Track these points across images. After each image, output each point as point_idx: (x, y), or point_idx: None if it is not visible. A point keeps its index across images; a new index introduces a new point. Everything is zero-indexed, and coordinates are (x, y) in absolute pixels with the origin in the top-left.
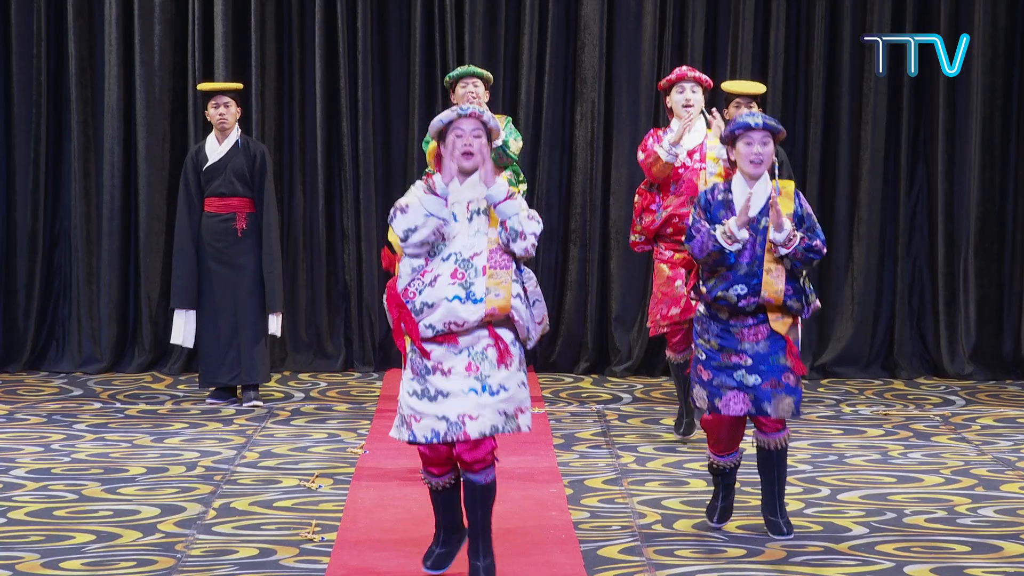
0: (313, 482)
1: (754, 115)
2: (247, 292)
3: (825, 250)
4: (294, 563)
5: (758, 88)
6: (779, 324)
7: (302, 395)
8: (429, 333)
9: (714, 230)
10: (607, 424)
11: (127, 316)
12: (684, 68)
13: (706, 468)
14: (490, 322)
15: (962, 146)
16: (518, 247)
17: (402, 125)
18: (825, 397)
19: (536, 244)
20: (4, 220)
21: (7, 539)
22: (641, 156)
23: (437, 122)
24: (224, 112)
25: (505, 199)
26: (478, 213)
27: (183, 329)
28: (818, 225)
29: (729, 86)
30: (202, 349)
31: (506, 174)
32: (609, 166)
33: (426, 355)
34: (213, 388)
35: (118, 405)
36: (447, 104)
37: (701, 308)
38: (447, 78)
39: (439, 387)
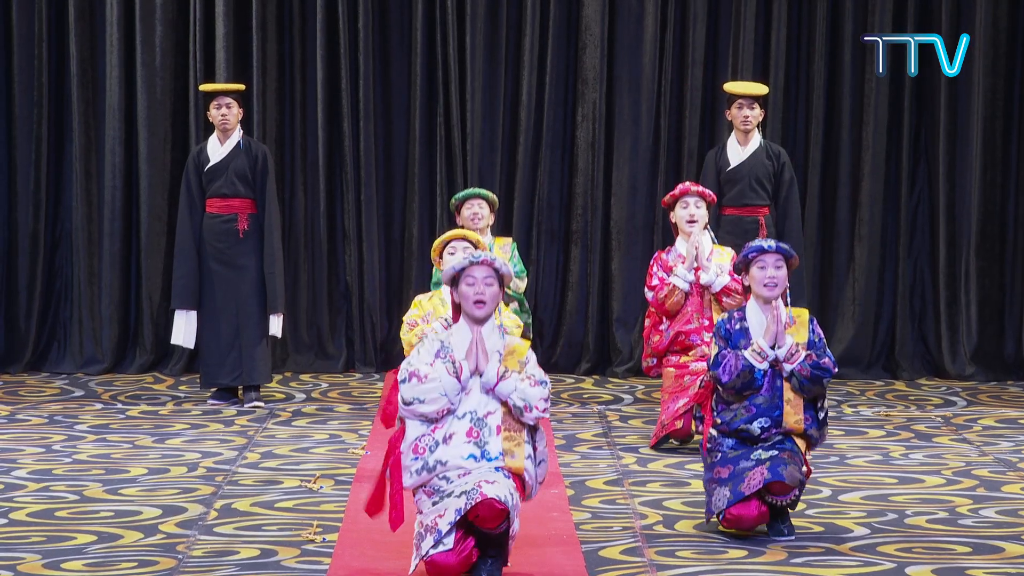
0: (314, 483)
1: (768, 240)
2: (248, 293)
3: (835, 369)
4: (295, 564)
5: (760, 89)
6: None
7: (303, 396)
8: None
9: (742, 351)
10: (608, 425)
11: (128, 317)
12: (687, 183)
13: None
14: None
15: (963, 147)
16: (528, 418)
17: (403, 126)
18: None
19: (547, 406)
20: (5, 221)
21: (8, 540)
22: (650, 294)
23: (450, 269)
24: (226, 113)
25: (498, 381)
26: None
27: (184, 330)
28: (828, 349)
29: (731, 87)
30: (203, 350)
31: (512, 309)
32: (610, 167)
33: (400, 517)
34: (214, 389)
35: (119, 406)
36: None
37: (713, 431)
38: (453, 200)
39: (448, 474)
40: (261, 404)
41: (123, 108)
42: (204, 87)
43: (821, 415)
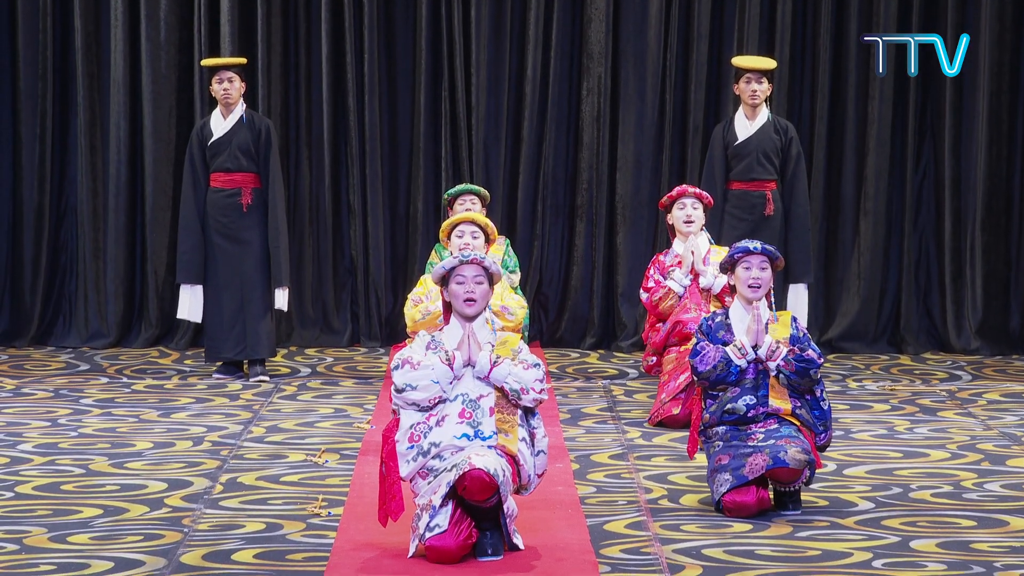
0: (320, 457)
1: (752, 241)
2: (253, 267)
3: (821, 360)
4: (301, 538)
5: (769, 63)
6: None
7: (308, 370)
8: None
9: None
10: (613, 399)
11: (133, 291)
12: (684, 185)
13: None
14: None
15: (969, 121)
16: (527, 400)
17: (408, 101)
18: (831, 372)
19: (544, 387)
20: (11, 195)
21: (15, 513)
22: (645, 296)
23: (440, 268)
24: (228, 87)
25: (492, 368)
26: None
27: (189, 304)
28: (812, 342)
29: (740, 61)
30: (208, 324)
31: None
32: (615, 141)
33: (400, 506)
34: (220, 363)
35: (125, 380)
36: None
37: (703, 427)
38: (446, 195)
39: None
40: (266, 378)
41: (128, 82)
42: (206, 62)
43: (825, 406)
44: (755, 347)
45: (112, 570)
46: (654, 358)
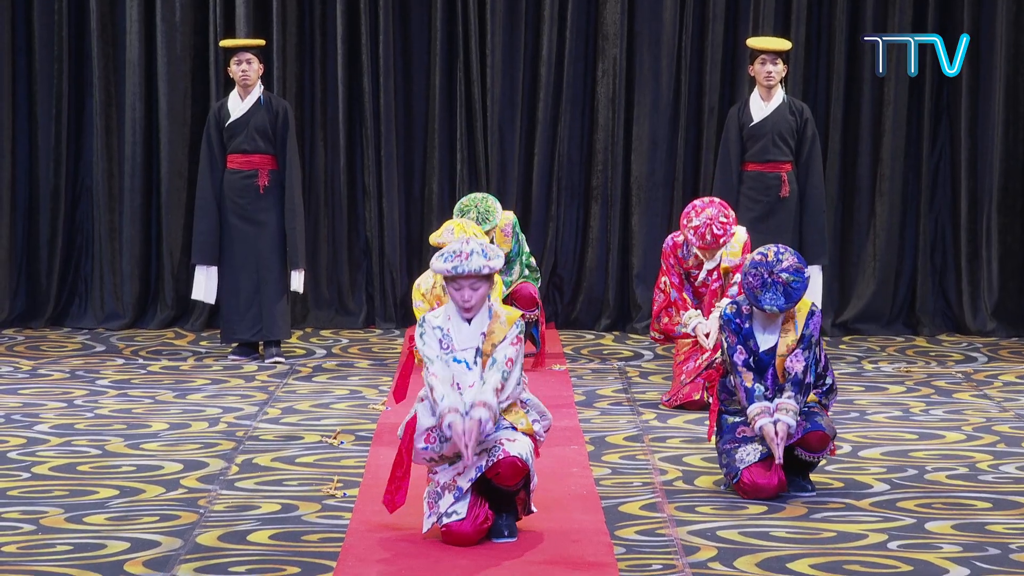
0: (335, 438)
1: (774, 299)
2: (269, 248)
3: (832, 383)
4: (316, 519)
5: (784, 44)
6: None
7: (324, 352)
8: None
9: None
10: (628, 381)
11: (149, 272)
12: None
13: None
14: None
15: (985, 102)
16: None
17: (423, 82)
18: (847, 354)
19: (544, 427)
20: (27, 177)
21: (31, 494)
22: (660, 298)
23: (440, 269)
24: (247, 69)
25: (495, 423)
26: (480, 355)
27: (205, 285)
28: (823, 347)
29: (754, 42)
30: (224, 305)
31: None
32: (631, 123)
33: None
34: (235, 344)
35: (140, 361)
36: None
37: (721, 412)
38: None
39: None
40: (281, 360)
41: (143, 64)
42: (224, 43)
43: (829, 381)
44: (769, 359)
45: (128, 551)
46: (662, 335)
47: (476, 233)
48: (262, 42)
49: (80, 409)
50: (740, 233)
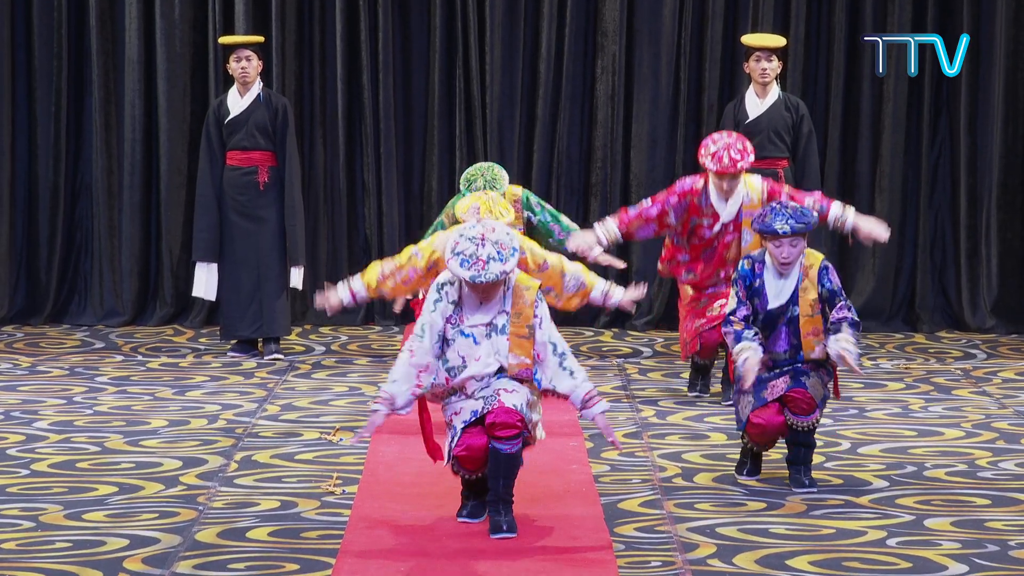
0: (334, 435)
1: (781, 218)
2: (268, 245)
3: (854, 317)
4: (315, 516)
5: (778, 41)
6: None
7: (323, 349)
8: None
9: (742, 342)
10: (627, 378)
11: (149, 269)
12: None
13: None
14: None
15: (985, 99)
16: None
17: (422, 79)
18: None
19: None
20: (26, 173)
21: (31, 491)
22: (648, 204)
23: (459, 274)
24: (246, 66)
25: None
26: (496, 331)
27: (204, 282)
28: (844, 295)
29: (749, 39)
30: (223, 302)
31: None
32: (630, 120)
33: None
34: (234, 341)
35: (140, 358)
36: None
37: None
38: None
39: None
40: (281, 356)
41: (143, 61)
42: (224, 40)
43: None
44: (788, 314)
45: (127, 547)
46: (669, 275)
47: (502, 213)
48: (261, 39)
49: (79, 406)
50: (757, 181)
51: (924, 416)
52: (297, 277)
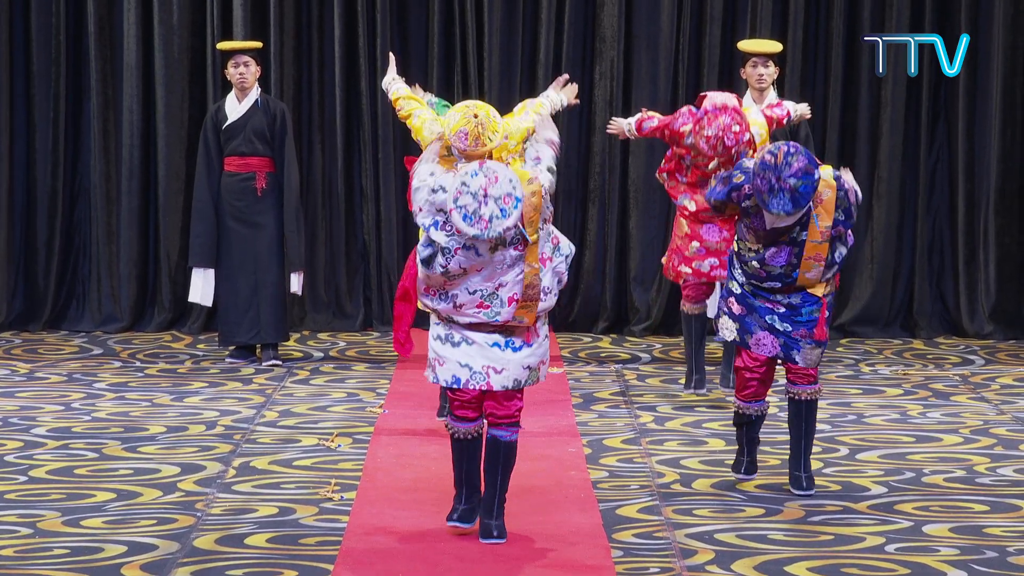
0: (332, 441)
1: (781, 204)
2: (266, 251)
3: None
4: (313, 522)
5: (774, 47)
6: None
7: (321, 354)
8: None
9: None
10: (626, 384)
11: (147, 275)
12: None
13: (729, 424)
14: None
15: (983, 104)
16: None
17: (420, 84)
18: (844, 357)
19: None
20: (24, 178)
21: (28, 497)
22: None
23: (464, 230)
24: (244, 71)
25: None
26: (504, 245)
27: (202, 288)
28: (851, 212)
29: (745, 45)
30: (221, 308)
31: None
32: None
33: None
34: (233, 347)
35: (138, 364)
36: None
37: (736, 247)
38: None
39: (464, 334)
40: (279, 362)
41: (141, 66)
42: (222, 45)
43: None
44: (795, 237)
45: (125, 554)
46: (671, 266)
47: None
48: (259, 44)
49: (77, 412)
50: (759, 117)
51: (922, 422)
52: (297, 283)
